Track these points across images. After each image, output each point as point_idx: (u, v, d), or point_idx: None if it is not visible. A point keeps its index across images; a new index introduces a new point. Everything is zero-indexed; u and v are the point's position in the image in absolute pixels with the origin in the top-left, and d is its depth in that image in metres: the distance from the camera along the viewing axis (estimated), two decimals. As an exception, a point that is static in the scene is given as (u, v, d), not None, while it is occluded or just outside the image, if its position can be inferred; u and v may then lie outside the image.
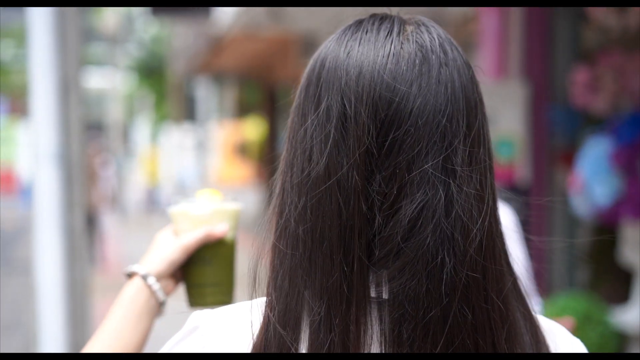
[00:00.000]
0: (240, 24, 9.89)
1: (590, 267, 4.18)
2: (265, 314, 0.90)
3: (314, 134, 0.91)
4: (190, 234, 1.28)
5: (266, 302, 0.91)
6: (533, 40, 4.65)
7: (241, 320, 0.92)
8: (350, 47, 0.92)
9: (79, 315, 4.11)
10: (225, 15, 9.98)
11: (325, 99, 0.90)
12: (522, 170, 4.45)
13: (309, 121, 0.91)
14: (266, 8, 8.80)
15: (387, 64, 0.90)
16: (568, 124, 4.77)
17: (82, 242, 3.94)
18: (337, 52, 0.92)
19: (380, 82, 0.89)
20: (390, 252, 0.87)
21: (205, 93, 24.96)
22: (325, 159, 0.89)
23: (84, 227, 3.99)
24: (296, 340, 0.88)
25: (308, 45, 10.46)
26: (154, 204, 19.56)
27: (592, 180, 3.88)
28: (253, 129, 28.75)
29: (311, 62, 0.96)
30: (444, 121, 0.89)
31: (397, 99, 0.88)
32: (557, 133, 4.84)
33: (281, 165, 0.94)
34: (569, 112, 4.79)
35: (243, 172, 28.61)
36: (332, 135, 0.89)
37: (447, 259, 0.86)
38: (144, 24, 31.51)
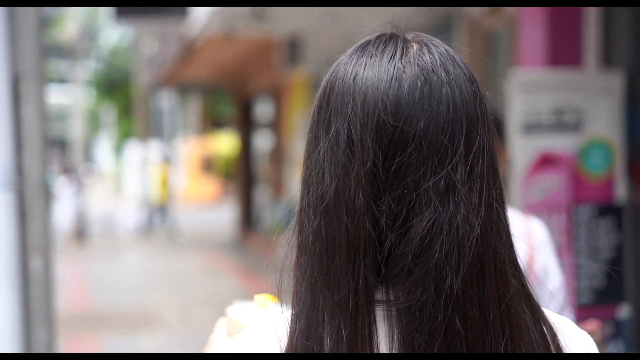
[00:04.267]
0: (217, 25, 8.87)
1: None
2: (291, 327, 0.95)
3: (325, 156, 0.95)
4: None
5: (291, 315, 0.96)
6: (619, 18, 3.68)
7: (269, 334, 0.97)
8: (355, 72, 0.96)
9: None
10: (200, 14, 8.95)
11: (334, 124, 0.95)
12: (620, 184, 3.43)
13: (321, 144, 0.96)
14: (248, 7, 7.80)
15: (389, 89, 0.94)
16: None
17: (43, 298, 2.88)
18: (344, 78, 0.96)
19: (383, 108, 0.93)
20: (404, 268, 0.92)
21: (171, 106, 23.93)
22: (335, 182, 0.93)
23: (46, 276, 2.93)
24: (321, 351, 0.93)
25: (294, 47, 9.47)
26: (161, 224, 18.40)
27: None
28: (221, 144, 27.92)
29: (323, 83, 0.99)
30: (445, 141, 0.92)
31: (400, 125, 0.92)
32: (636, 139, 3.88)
33: (300, 184, 0.99)
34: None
35: (209, 188, 27.70)
36: (340, 159, 0.94)
37: (448, 273, 0.91)
38: (106, 33, 30.45)
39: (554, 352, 0.97)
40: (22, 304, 2.89)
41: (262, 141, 15.14)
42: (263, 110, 14.79)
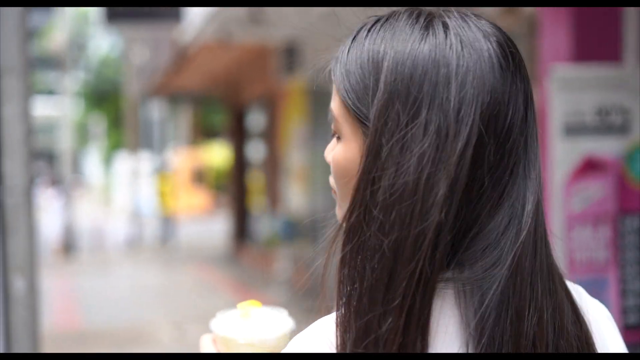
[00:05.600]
0: (212, 30, 8.54)
1: None
2: (340, 337, 0.91)
3: (406, 149, 0.91)
4: None
5: (339, 323, 0.91)
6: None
7: (321, 345, 0.92)
8: (441, 57, 0.92)
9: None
10: (195, 18, 8.61)
11: (425, 114, 0.91)
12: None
13: (402, 137, 0.91)
14: (245, 11, 7.48)
15: (492, 76, 0.92)
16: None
17: (27, 323, 2.52)
18: (430, 65, 0.92)
19: (489, 101, 0.91)
20: (486, 246, 0.91)
21: (161, 117, 23.60)
22: (416, 175, 0.90)
23: (30, 298, 2.57)
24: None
25: (291, 53, 9.14)
26: (167, 239, 18.07)
27: None
28: (212, 155, 27.55)
29: (390, 69, 0.93)
30: (529, 119, 0.95)
31: (506, 114, 0.92)
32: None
33: (359, 182, 0.93)
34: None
35: (200, 200, 27.32)
36: (428, 152, 0.90)
37: (519, 248, 0.92)
38: (95, 43, 30.10)
39: (579, 315, 0.97)
40: (2, 331, 2.53)
41: (256, 151, 14.79)
42: (257, 119, 14.45)
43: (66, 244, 16.52)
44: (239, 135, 15.63)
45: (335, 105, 1.00)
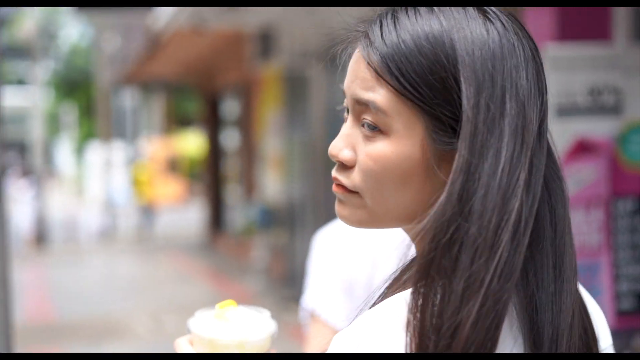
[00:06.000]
0: (185, 16, 8.37)
1: None
2: (415, 327, 0.89)
3: (500, 136, 0.92)
4: None
5: (417, 312, 0.90)
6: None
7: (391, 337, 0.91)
8: (511, 46, 0.95)
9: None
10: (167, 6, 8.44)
11: (508, 101, 0.93)
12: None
13: (494, 123, 0.93)
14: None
15: (539, 62, 0.97)
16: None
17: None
18: (505, 52, 0.94)
19: (545, 88, 0.97)
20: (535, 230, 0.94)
21: (134, 105, 23.33)
22: (502, 164, 0.92)
23: (2, 289, 2.44)
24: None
25: (266, 39, 9.00)
26: (149, 226, 17.98)
27: None
28: (186, 144, 27.32)
29: (471, 58, 0.93)
30: None
31: (548, 101, 0.99)
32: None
33: (457, 172, 0.92)
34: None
35: (174, 189, 27.10)
36: (514, 138, 0.92)
37: (559, 232, 0.96)
38: (65, 32, 29.72)
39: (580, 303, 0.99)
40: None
41: (231, 139, 14.63)
42: (232, 107, 14.28)
43: (38, 235, 16.29)
44: (213, 123, 15.46)
45: (382, 98, 0.95)
